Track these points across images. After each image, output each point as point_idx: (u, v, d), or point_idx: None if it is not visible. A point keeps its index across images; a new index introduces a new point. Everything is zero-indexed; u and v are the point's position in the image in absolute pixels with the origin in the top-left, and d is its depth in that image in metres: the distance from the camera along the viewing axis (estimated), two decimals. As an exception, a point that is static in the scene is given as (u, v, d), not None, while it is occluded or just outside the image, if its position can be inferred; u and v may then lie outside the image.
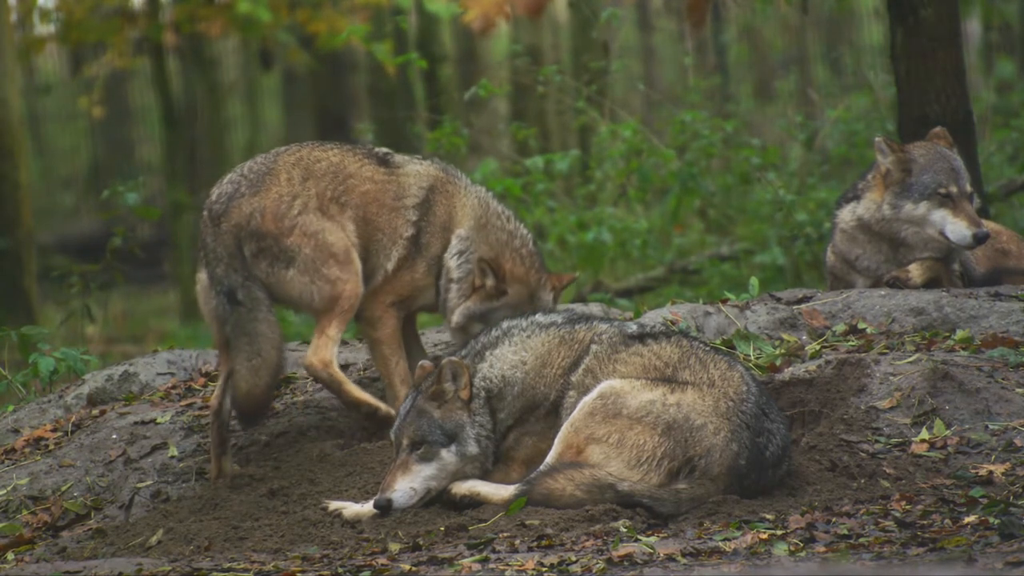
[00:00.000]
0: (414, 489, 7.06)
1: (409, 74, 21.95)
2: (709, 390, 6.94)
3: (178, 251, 22.98)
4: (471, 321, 8.09)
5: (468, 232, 8.11)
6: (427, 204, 8.08)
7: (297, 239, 7.82)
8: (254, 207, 7.86)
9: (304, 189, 7.91)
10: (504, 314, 7.99)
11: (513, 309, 8.06)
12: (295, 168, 7.95)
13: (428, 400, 7.14)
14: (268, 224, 7.84)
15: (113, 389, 8.99)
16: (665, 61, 25.23)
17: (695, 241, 17.19)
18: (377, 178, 8.05)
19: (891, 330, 8.41)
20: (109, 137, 27.31)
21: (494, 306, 8.10)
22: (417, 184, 8.08)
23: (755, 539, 6.32)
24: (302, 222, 7.84)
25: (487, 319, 8.04)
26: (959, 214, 8.88)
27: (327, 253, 7.84)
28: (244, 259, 7.81)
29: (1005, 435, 7.28)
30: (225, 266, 7.80)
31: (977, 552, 5.92)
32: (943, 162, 8.96)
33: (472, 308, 8.09)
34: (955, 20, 10.64)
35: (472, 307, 8.09)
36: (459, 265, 8.09)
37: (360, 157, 8.07)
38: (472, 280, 8.10)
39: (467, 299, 8.09)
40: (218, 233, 7.83)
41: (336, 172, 8.00)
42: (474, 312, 8.09)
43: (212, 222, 7.86)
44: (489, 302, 8.10)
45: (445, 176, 8.16)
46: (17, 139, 17.01)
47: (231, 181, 7.94)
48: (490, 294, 8.08)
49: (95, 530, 7.63)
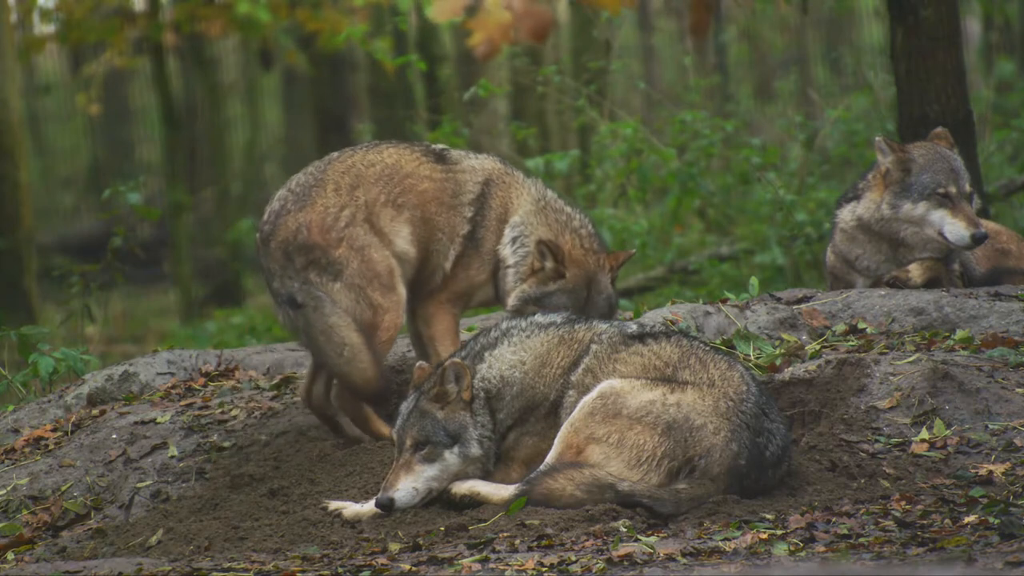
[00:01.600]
0: (416, 489, 7.07)
1: (409, 74, 21.95)
2: (709, 390, 6.94)
3: (178, 251, 22.99)
4: (527, 304, 8.03)
5: (523, 218, 8.06)
6: (483, 198, 8.05)
7: (345, 252, 7.80)
8: (300, 222, 7.86)
9: (352, 199, 7.87)
10: (561, 299, 7.99)
11: (570, 293, 8.03)
12: (344, 176, 7.92)
13: (431, 401, 7.14)
14: (315, 236, 7.83)
15: (113, 389, 8.99)
16: (665, 61, 25.24)
17: (695, 241, 17.19)
18: (435, 176, 8.02)
19: (891, 330, 8.41)
20: (109, 137, 27.32)
21: (550, 289, 8.05)
22: (473, 180, 8.05)
23: (755, 539, 6.32)
24: (349, 235, 7.82)
25: (543, 303, 8.00)
26: (958, 214, 8.88)
27: (372, 272, 7.81)
28: (296, 268, 7.81)
29: (1005, 435, 7.28)
30: (279, 278, 7.81)
31: (977, 552, 5.92)
32: (943, 162, 8.95)
33: (528, 291, 8.04)
34: (955, 20, 10.64)
35: (528, 290, 8.04)
36: (515, 251, 8.05)
37: (417, 155, 8.04)
38: (530, 263, 8.05)
39: (523, 282, 8.04)
40: (268, 252, 7.85)
41: (392, 174, 7.97)
42: (530, 295, 8.04)
43: (263, 243, 7.90)
44: (545, 285, 8.04)
45: (502, 168, 8.14)
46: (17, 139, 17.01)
47: (279, 198, 7.95)
48: (548, 276, 8.03)
49: (95, 530, 7.63)
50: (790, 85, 19.72)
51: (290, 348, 9.45)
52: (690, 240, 17.19)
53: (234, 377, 9.02)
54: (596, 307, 8.05)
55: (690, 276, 16.47)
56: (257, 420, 8.30)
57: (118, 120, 27.19)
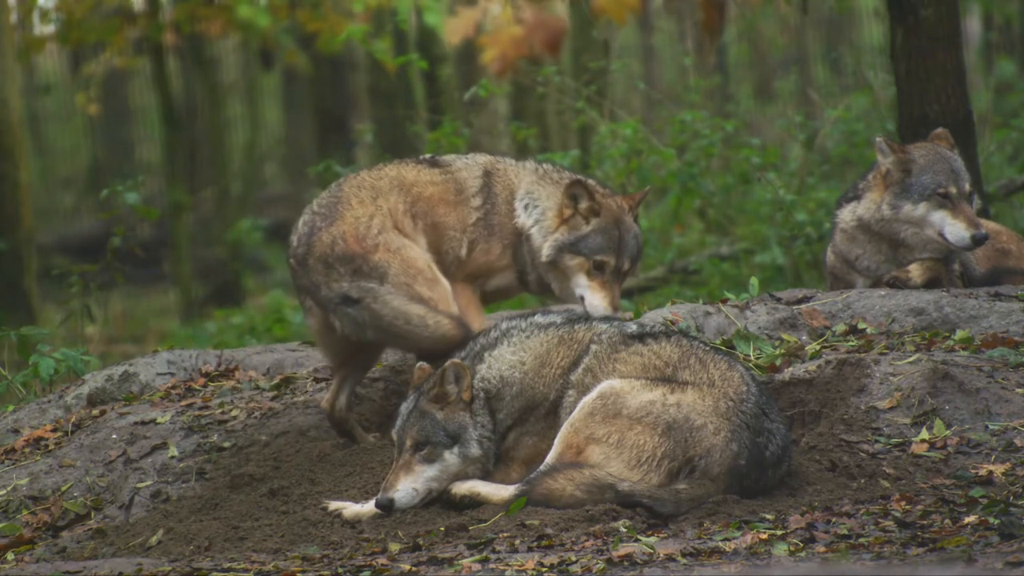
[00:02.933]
0: (416, 490, 7.07)
1: (409, 74, 21.95)
2: (709, 390, 6.94)
3: (178, 251, 22.98)
4: (562, 252, 8.05)
5: (528, 187, 8.15)
6: (487, 188, 8.13)
7: (383, 255, 7.86)
8: (334, 235, 7.91)
9: (377, 208, 7.96)
10: (596, 239, 8.01)
11: (604, 232, 8.05)
12: (362, 190, 8.01)
13: (431, 402, 7.14)
14: (352, 246, 7.88)
15: (113, 389, 8.99)
16: (665, 61, 25.23)
17: (695, 241, 17.19)
18: (436, 180, 8.11)
19: (891, 330, 8.41)
20: (109, 137, 27.32)
21: (584, 232, 8.06)
22: (472, 175, 8.14)
23: (755, 539, 6.32)
24: (384, 240, 7.90)
25: (579, 247, 8.02)
26: (958, 215, 8.88)
27: (414, 269, 7.88)
28: (341, 273, 7.84)
29: (1005, 435, 7.28)
30: (325, 286, 7.86)
31: (977, 552, 5.92)
32: (943, 163, 8.95)
33: (562, 238, 8.07)
34: (955, 20, 10.64)
35: (561, 237, 8.07)
36: (529, 213, 8.11)
37: (413, 165, 8.17)
38: (554, 215, 8.08)
39: (552, 233, 8.07)
40: (308, 269, 7.89)
41: (400, 184, 8.07)
42: (564, 241, 8.06)
43: (300, 264, 7.94)
44: (579, 229, 8.07)
45: (494, 158, 8.25)
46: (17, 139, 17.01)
47: (305, 222, 8.01)
48: (584, 216, 8.05)
49: (95, 530, 7.63)
50: (790, 85, 19.71)
51: (290, 348, 9.45)
52: (690, 240, 17.19)
53: (234, 377, 9.02)
54: (627, 246, 8.10)
55: (690, 276, 16.47)
56: (257, 420, 8.30)
57: (118, 120, 27.19)
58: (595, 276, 8.05)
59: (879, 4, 19.31)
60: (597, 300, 8.02)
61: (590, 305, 8.01)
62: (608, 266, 8.05)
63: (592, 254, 8.05)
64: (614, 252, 8.05)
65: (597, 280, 8.05)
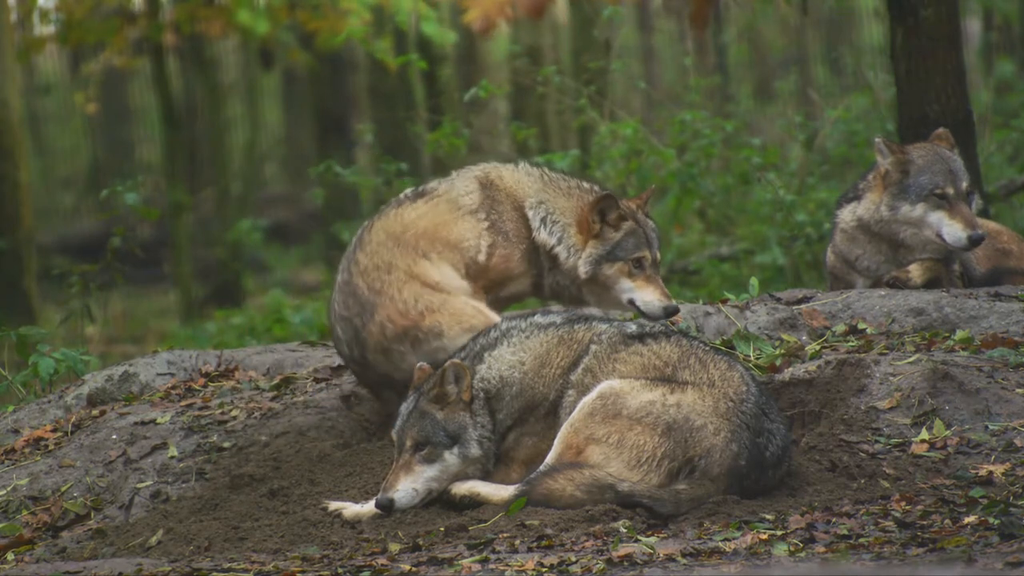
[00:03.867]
0: (416, 490, 7.07)
1: (409, 74, 21.95)
2: (709, 390, 6.94)
3: (178, 251, 22.99)
4: (600, 264, 8.05)
5: (538, 196, 8.13)
6: (489, 200, 8.11)
7: (433, 318, 7.90)
8: (381, 323, 7.95)
9: (396, 278, 7.96)
10: (629, 241, 8.01)
11: (633, 234, 8.05)
12: (371, 273, 7.99)
13: (431, 402, 7.14)
14: (401, 322, 7.92)
15: (113, 389, 8.99)
16: (665, 61, 25.24)
17: (695, 241, 17.20)
18: (424, 211, 8.08)
19: (891, 330, 8.41)
20: (109, 137, 27.33)
21: (616, 239, 8.07)
22: (464, 190, 8.12)
23: (755, 539, 6.32)
24: (425, 303, 7.92)
25: (615, 253, 8.02)
26: (955, 216, 8.88)
27: (464, 315, 7.91)
28: (403, 352, 7.90)
29: (1005, 435, 7.28)
30: (396, 369, 7.92)
31: (977, 552, 5.92)
32: (941, 163, 8.95)
33: (596, 252, 8.06)
34: (955, 20, 10.64)
35: (595, 252, 8.06)
36: (551, 232, 8.10)
37: (396, 209, 8.12)
38: (576, 231, 8.08)
39: (584, 248, 8.08)
40: (371, 365, 7.96)
41: (396, 242, 8.05)
42: (600, 254, 8.05)
43: (362, 365, 7.99)
44: (610, 239, 8.07)
45: (486, 168, 8.20)
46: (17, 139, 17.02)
47: (343, 329, 8.02)
48: (613, 225, 8.05)
49: (95, 530, 7.63)
50: (790, 85, 19.72)
51: (290, 348, 9.45)
52: (690, 240, 17.20)
53: (234, 377, 9.02)
54: (653, 238, 8.10)
55: (690, 276, 16.47)
56: (257, 420, 8.30)
57: (118, 120, 27.20)
58: (637, 275, 8.05)
59: (879, 4, 19.31)
60: (650, 296, 8.01)
61: (645, 304, 7.99)
62: (646, 260, 8.05)
63: (628, 255, 8.04)
64: (647, 246, 8.06)
65: (641, 278, 8.05)
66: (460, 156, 15.67)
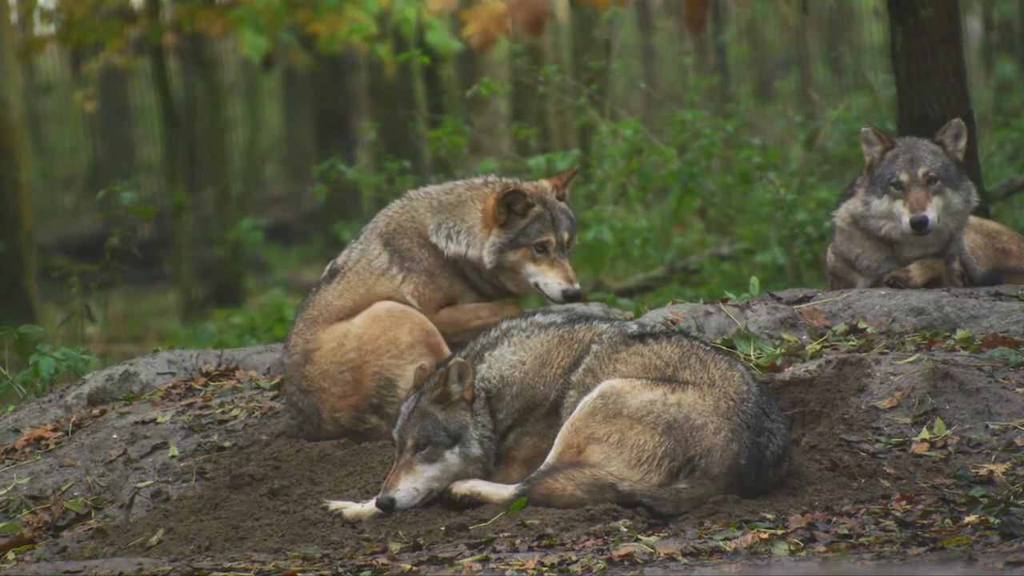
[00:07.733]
0: (417, 489, 7.07)
1: (412, 71, 21.95)
2: (710, 390, 6.94)
3: (178, 251, 22.99)
4: (504, 251, 8.06)
5: (435, 221, 8.16)
6: (394, 253, 8.16)
7: (365, 370, 7.97)
8: (331, 417, 8.02)
9: (364, 363, 7.99)
10: (535, 226, 8.01)
11: (540, 219, 8.06)
12: (338, 368, 8.01)
13: (432, 402, 7.14)
14: (350, 402, 7.97)
15: (113, 389, 8.99)
16: (665, 61, 25.24)
17: (695, 241, 17.19)
18: (341, 289, 8.12)
19: (891, 330, 8.41)
20: (109, 137, 27.32)
21: (523, 225, 8.08)
22: (371, 255, 8.20)
23: (755, 539, 6.32)
24: (347, 363, 7.93)
25: (520, 240, 8.03)
26: (906, 201, 8.81)
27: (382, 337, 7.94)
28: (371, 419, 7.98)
29: (1005, 435, 7.29)
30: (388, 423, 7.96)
31: (977, 552, 5.92)
32: (906, 152, 8.89)
33: (499, 240, 8.08)
34: (955, 20, 10.64)
35: (497, 240, 8.08)
36: (458, 241, 8.13)
37: (319, 308, 8.11)
38: (481, 224, 8.09)
39: (488, 238, 8.09)
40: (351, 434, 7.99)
41: (334, 337, 8.03)
42: (502, 243, 8.07)
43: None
44: (514, 228, 8.08)
45: (378, 223, 8.26)
46: (17, 139, 17.00)
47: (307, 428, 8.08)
48: (520, 213, 8.06)
49: (95, 530, 7.63)
50: (790, 85, 19.72)
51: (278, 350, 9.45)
52: (690, 240, 17.19)
53: (234, 377, 9.03)
54: (559, 221, 8.11)
55: (690, 276, 16.47)
56: (257, 420, 8.30)
57: (118, 120, 27.19)
58: (541, 259, 8.07)
59: (879, 4, 19.31)
60: (550, 278, 8.05)
61: (546, 286, 8.04)
62: (551, 244, 8.07)
63: (531, 240, 8.06)
64: (552, 230, 8.07)
65: (544, 262, 8.07)
66: (461, 155, 15.67)
